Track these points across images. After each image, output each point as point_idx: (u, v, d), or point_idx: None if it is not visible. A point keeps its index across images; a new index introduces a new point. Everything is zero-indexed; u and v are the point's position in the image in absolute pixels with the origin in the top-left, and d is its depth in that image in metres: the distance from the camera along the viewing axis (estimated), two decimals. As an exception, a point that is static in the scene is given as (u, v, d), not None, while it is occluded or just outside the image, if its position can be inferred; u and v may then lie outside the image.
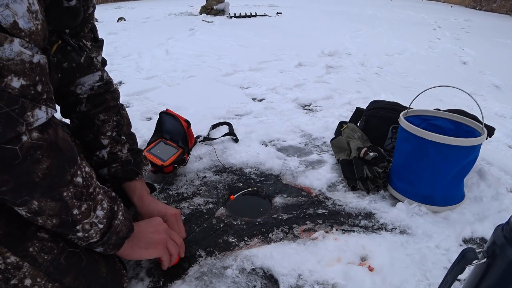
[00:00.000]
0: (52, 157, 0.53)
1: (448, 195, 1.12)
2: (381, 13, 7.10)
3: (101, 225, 0.63)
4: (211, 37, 3.94)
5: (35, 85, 0.51)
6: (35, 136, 0.51)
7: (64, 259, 0.62)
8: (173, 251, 0.80)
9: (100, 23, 4.81)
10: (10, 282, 0.56)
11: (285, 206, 1.13)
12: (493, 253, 0.56)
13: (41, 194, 0.54)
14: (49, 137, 0.53)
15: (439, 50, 3.85)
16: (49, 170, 0.53)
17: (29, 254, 0.58)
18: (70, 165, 0.56)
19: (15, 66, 0.48)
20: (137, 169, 0.90)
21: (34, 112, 0.51)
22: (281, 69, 2.75)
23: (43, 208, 0.55)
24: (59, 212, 0.57)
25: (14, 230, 0.58)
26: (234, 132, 1.55)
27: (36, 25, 0.51)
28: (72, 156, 0.58)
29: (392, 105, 1.49)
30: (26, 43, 0.50)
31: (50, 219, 0.57)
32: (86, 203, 0.60)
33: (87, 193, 0.60)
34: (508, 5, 9.29)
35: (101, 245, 0.65)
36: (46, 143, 0.52)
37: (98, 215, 0.62)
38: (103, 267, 0.69)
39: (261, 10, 6.25)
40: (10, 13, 0.47)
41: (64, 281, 0.61)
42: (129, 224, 0.71)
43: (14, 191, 0.51)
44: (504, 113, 2.09)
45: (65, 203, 0.56)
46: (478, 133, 1.11)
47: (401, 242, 0.98)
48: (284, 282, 0.83)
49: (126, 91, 2.13)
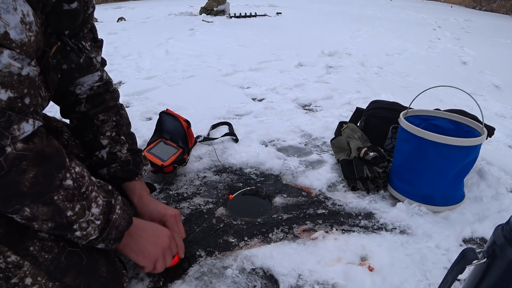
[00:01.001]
0: (38, 165, 0.53)
1: (448, 195, 1.12)
2: (381, 13, 7.10)
3: (98, 222, 0.63)
4: (211, 37, 3.94)
5: (22, 97, 0.50)
6: (19, 147, 0.50)
7: (65, 258, 0.62)
8: (158, 269, 0.77)
9: (100, 23, 4.81)
10: (11, 281, 0.56)
11: (285, 206, 1.13)
12: (493, 253, 0.56)
13: (31, 201, 0.54)
14: (35, 146, 0.52)
15: (439, 50, 3.85)
16: (36, 178, 0.52)
17: (30, 253, 0.58)
18: (58, 170, 0.56)
19: (2, 78, 0.47)
20: (136, 169, 0.90)
21: (21, 125, 0.50)
22: (281, 69, 2.75)
23: (35, 214, 0.55)
24: (52, 216, 0.57)
25: (15, 230, 0.58)
26: (234, 132, 1.55)
27: (29, 37, 0.50)
28: (60, 161, 0.57)
29: (392, 105, 1.49)
30: (17, 54, 0.49)
31: (45, 223, 0.57)
32: (79, 203, 0.59)
33: (79, 193, 0.60)
34: (508, 5, 9.29)
35: (101, 241, 0.65)
36: (31, 153, 0.52)
37: (93, 213, 0.62)
38: (103, 266, 0.69)
39: (261, 10, 6.25)
40: (1, 23, 0.46)
41: (64, 280, 0.61)
42: (128, 217, 0.70)
43: (3, 201, 0.52)
44: (504, 113, 2.09)
45: (57, 206, 0.56)
46: (478, 133, 1.11)
47: (401, 242, 0.98)
48: (284, 282, 0.83)
49: (126, 91, 2.13)
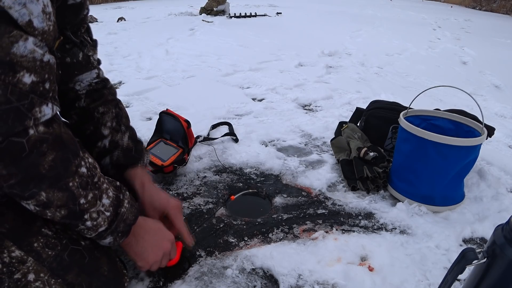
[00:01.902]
0: (57, 150, 0.55)
1: (448, 195, 1.12)
2: (381, 13, 7.09)
3: (108, 213, 0.65)
4: (211, 37, 3.94)
5: (44, 82, 0.53)
6: (41, 130, 0.53)
7: (67, 255, 0.63)
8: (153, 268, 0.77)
9: (100, 23, 4.81)
10: (14, 276, 0.57)
11: (285, 206, 1.13)
12: (493, 253, 0.56)
13: (48, 185, 0.55)
14: (54, 131, 0.55)
15: (439, 50, 3.85)
16: (54, 162, 0.55)
17: (34, 249, 0.59)
18: (74, 157, 0.59)
19: (27, 63, 0.50)
20: (138, 155, 0.91)
21: (42, 108, 0.53)
22: (281, 69, 2.75)
23: (51, 199, 0.56)
24: (66, 202, 0.58)
25: (20, 225, 0.59)
26: (234, 132, 1.55)
27: (48, 26, 0.53)
28: (76, 149, 0.60)
29: (392, 105, 1.49)
30: (39, 42, 0.52)
31: (58, 211, 0.58)
32: (91, 192, 0.61)
33: (92, 182, 0.62)
34: (508, 5, 9.29)
35: (110, 233, 0.66)
36: (51, 136, 0.54)
37: (104, 203, 0.64)
38: (104, 265, 0.69)
39: (261, 10, 6.25)
40: (26, 12, 0.49)
41: (66, 277, 0.62)
42: (136, 211, 0.72)
43: (22, 184, 0.53)
44: (504, 113, 2.09)
45: (71, 193, 0.58)
46: (478, 133, 1.11)
47: (401, 242, 0.98)
48: (284, 282, 0.83)
49: (126, 91, 2.13)
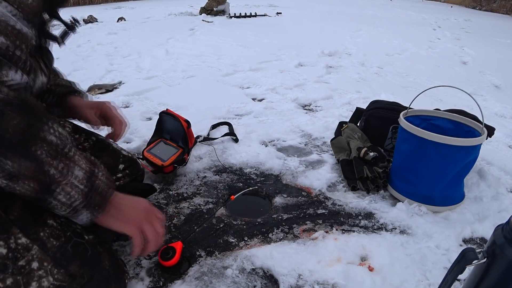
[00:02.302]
0: (22, 114, 0.53)
1: (448, 195, 1.12)
2: (381, 13, 7.09)
3: (82, 186, 0.61)
4: (211, 37, 3.94)
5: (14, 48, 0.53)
6: (5, 91, 0.52)
7: (71, 247, 0.64)
8: (150, 236, 0.72)
9: (100, 23, 4.81)
10: (18, 263, 0.58)
11: (285, 206, 1.13)
12: (493, 253, 0.56)
13: (14, 153, 0.53)
14: (20, 96, 0.54)
15: (439, 50, 3.85)
16: (19, 126, 0.53)
17: (39, 238, 0.60)
18: (41, 124, 0.57)
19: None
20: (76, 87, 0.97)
21: (10, 72, 0.53)
22: (281, 69, 2.75)
23: (18, 169, 0.54)
24: (35, 173, 0.55)
25: (28, 214, 0.61)
26: (234, 132, 1.55)
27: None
28: (43, 116, 0.58)
29: (392, 105, 1.49)
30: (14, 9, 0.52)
31: (27, 183, 0.55)
32: (62, 162, 0.58)
33: (62, 152, 0.59)
34: (508, 5, 9.28)
35: (85, 206, 0.63)
36: (16, 100, 0.53)
37: (77, 175, 0.61)
38: (106, 260, 0.70)
39: (261, 10, 6.25)
40: None
41: (69, 268, 0.63)
42: (111, 183, 0.69)
43: None
44: (504, 113, 2.09)
45: (40, 161, 0.55)
46: (478, 133, 1.11)
47: (401, 242, 0.98)
48: (284, 282, 0.83)
49: (126, 91, 2.13)
